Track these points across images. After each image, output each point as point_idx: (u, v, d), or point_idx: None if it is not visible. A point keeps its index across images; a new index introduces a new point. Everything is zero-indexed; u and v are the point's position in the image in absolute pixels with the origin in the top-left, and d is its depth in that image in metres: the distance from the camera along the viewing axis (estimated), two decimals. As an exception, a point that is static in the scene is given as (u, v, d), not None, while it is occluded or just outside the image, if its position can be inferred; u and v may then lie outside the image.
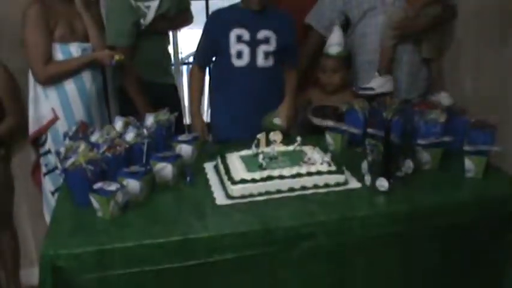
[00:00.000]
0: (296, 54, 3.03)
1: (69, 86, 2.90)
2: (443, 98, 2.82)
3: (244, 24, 2.84)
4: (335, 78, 3.06)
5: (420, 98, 2.98)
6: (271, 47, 2.85)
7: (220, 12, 3.00)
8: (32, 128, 2.96)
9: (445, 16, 3.19)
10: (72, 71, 2.88)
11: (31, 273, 3.28)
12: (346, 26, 3.24)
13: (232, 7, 2.96)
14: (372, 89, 2.98)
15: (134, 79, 3.09)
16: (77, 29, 2.92)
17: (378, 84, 3.00)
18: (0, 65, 2.96)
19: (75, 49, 2.89)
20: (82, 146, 2.20)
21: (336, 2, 3.19)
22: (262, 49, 2.85)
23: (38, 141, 2.99)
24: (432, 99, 2.71)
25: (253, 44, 2.84)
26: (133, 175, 2.09)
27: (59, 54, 2.86)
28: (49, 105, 2.90)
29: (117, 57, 2.84)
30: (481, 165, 2.28)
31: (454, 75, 3.59)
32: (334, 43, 3.03)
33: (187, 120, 3.53)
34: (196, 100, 3.00)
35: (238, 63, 2.87)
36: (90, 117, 2.96)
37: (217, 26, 2.90)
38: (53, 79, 2.86)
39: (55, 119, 2.91)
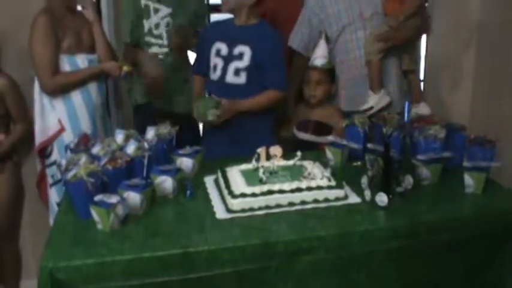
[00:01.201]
0: (277, 74, 2.86)
1: (76, 97, 2.93)
2: (423, 108, 2.84)
3: (225, 39, 2.88)
4: (318, 90, 3.07)
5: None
6: (243, 63, 2.83)
7: (212, 25, 3.10)
8: (39, 139, 2.98)
9: (424, 27, 3.22)
10: (79, 82, 2.91)
11: (30, 286, 3.27)
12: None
13: (225, 21, 2.99)
14: (371, 108, 2.99)
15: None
16: (84, 41, 2.96)
17: (375, 101, 3.02)
18: (4, 75, 2.98)
19: (81, 60, 2.93)
20: (83, 159, 2.23)
21: (311, 21, 3.19)
22: (234, 65, 2.84)
23: (44, 152, 3.01)
24: (412, 109, 2.73)
25: (227, 59, 2.86)
26: (133, 188, 2.10)
27: (66, 65, 2.89)
28: (56, 116, 2.93)
29: (125, 68, 2.88)
30: (481, 181, 2.28)
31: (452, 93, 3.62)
32: (320, 55, 3.05)
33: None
34: (196, 92, 3.07)
35: (213, 76, 2.92)
36: (95, 128, 2.99)
37: (206, 38, 2.98)
38: (60, 90, 2.89)
39: (61, 130, 2.93)
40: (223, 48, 2.87)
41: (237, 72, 2.84)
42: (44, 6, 2.91)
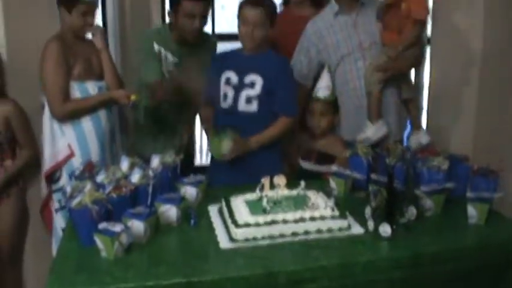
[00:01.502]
0: (287, 100, 2.93)
1: (86, 123, 2.97)
2: (422, 136, 2.85)
3: (235, 68, 2.91)
4: (323, 122, 3.08)
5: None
6: (255, 91, 2.87)
7: (220, 54, 3.10)
8: (48, 164, 3.00)
9: (422, 56, 3.26)
10: (89, 108, 2.96)
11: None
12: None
13: (232, 51, 3.03)
14: (368, 139, 3.00)
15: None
16: (94, 68, 3.01)
17: (373, 132, 3.02)
18: (10, 100, 3.02)
19: (91, 87, 2.98)
20: (88, 186, 2.24)
21: (310, 51, 3.22)
22: (245, 93, 2.88)
23: (52, 177, 3.03)
24: (412, 137, 2.76)
25: (238, 87, 2.89)
26: (137, 216, 2.11)
27: (76, 92, 2.94)
28: (65, 142, 2.97)
29: (133, 97, 2.91)
30: (484, 212, 2.28)
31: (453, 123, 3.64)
32: (323, 86, 3.06)
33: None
34: (206, 121, 3.13)
35: (223, 105, 2.94)
36: (104, 154, 3.03)
37: (215, 68, 3.00)
38: (70, 116, 2.93)
39: (71, 155, 2.96)
40: (233, 77, 2.90)
41: (248, 100, 2.88)
42: (55, 34, 2.96)
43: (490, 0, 3.40)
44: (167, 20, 3.62)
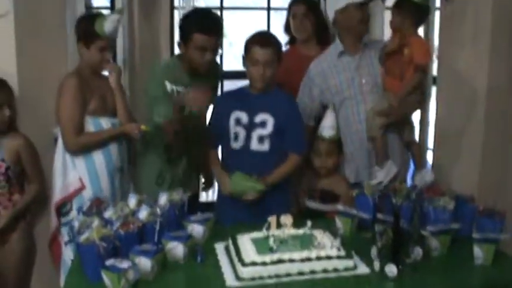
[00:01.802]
0: (298, 139, 2.98)
1: (97, 156, 3.01)
2: (426, 175, 2.86)
3: (244, 107, 2.92)
4: (329, 161, 3.08)
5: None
6: (267, 130, 2.90)
7: (226, 94, 3.13)
8: (58, 195, 3.03)
9: (424, 101, 3.31)
10: (101, 142, 3.00)
11: None
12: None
13: (238, 90, 3.06)
14: (380, 183, 2.98)
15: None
16: (108, 104, 3.06)
17: (383, 175, 3.04)
18: (21, 135, 3.05)
19: (105, 123, 3.02)
20: (96, 222, 2.26)
21: (313, 91, 3.25)
22: (257, 133, 2.90)
23: (61, 209, 3.05)
24: (416, 176, 2.77)
25: (249, 127, 2.91)
26: (145, 253, 2.12)
27: (90, 126, 2.99)
28: (76, 174, 3.00)
29: (143, 127, 2.94)
30: (490, 253, 2.28)
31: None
32: (328, 126, 3.07)
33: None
34: (217, 164, 3.04)
35: (234, 145, 2.94)
36: (113, 189, 3.06)
37: (222, 108, 3.00)
38: (83, 149, 2.98)
39: (82, 187, 2.99)
40: (244, 117, 2.91)
41: (261, 139, 2.91)
42: (73, 69, 3.06)
43: (495, 38, 3.45)
44: (176, 51, 3.67)
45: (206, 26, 2.94)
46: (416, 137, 3.82)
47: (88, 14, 3.17)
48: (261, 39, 2.88)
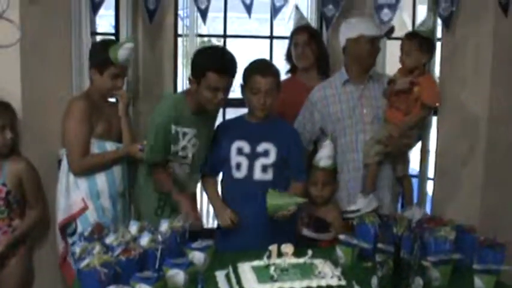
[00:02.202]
0: (301, 168, 3.02)
1: (100, 178, 3.04)
2: (416, 211, 2.88)
3: (245, 137, 2.92)
4: (325, 190, 3.09)
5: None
6: (270, 160, 2.90)
7: (226, 123, 3.12)
8: (61, 215, 3.04)
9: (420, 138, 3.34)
10: (106, 163, 3.03)
11: None
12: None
13: (237, 119, 3.06)
14: (358, 210, 3.00)
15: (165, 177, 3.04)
16: (114, 129, 3.11)
17: (364, 204, 3.03)
18: (23, 159, 3.06)
19: (110, 146, 3.06)
20: (97, 248, 2.26)
21: (314, 116, 3.26)
22: (260, 162, 2.90)
23: (67, 230, 3.06)
24: (406, 212, 2.79)
25: (252, 156, 2.91)
26: (145, 280, 2.13)
27: (95, 149, 3.03)
28: (80, 195, 3.02)
29: (144, 142, 2.95)
30: (491, 284, 2.28)
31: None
32: (326, 156, 3.08)
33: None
34: (216, 197, 3.02)
35: (237, 175, 2.93)
36: (115, 212, 3.08)
37: (222, 137, 2.99)
38: (87, 170, 3.01)
39: (85, 208, 3.01)
40: (245, 146, 2.91)
41: (264, 169, 2.91)
42: (82, 93, 3.13)
43: (496, 70, 3.48)
44: (179, 79, 3.68)
45: (222, 66, 2.81)
46: (417, 168, 3.84)
47: (103, 41, 3.23)
48: (262, 68, 2.89)
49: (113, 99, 3.19)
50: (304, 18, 3.93)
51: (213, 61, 2.82)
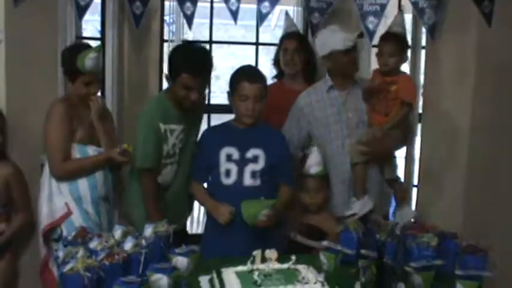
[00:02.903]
0: (289, 172, 3.05)
1: (82, 182, 3.01)
2: (407, 212, 2.91)
3: (234, 143, 2.93)
4: (318, 196, 3.09)
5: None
6: (259, 166, 2.92)
7: (212, 129, 3.11)
8: (46, 221, 3.01)
9: (405, 140, 3.38)
10: (88, 168, 3.00)
11: None
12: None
13: (224, 125, 3.06)
14: (355, 214, 3.04)
15: (153, 198, 3.06)
16: (95, 134, 3.06)
17: (359, 207, 3.07)
18: (11, 163, 3.05)
19: (92, 151, 3.03)
20: (81, 252, 2.25)
21: (301, 122, 3.29)
22: (249, 168, 2.91)
23: (51, 236, 3.03)
24: (398, 213, 2.80)
25: (241, 163, 2.91)
26: (129, 285, 2.10)
27: (77, 154, 3.00)
28: (62, 200, 3.00)
29: (124, 145, 2.93)
30: (473, 290, 2.31)
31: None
32: (314, 163, 3.09)
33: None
34: (208, 197, 2.99)
35: (226, 181, 2.93)
36: (99, 217, 3.06)
37: (209, 143, 2.99)
38: (69, 175, 2.98)
39: (69, 213, 2.99)
40: (234, 152, 2.91)
41: (253, 175, 2.91)
42: (62, 96, 3.11)
43: (478, 77, 3.52)
44: (164, 84, 3.66)
45: (195, 67, 2.88)
46: (402, 174, 3.87)
47: (70, 48, 3.09)
48: (250, 75, 2.91)
49: None
50: (294, 24, 3.96)
51: (187, 63, 2.90)
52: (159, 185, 3.08)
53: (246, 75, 2.90)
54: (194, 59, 2.92)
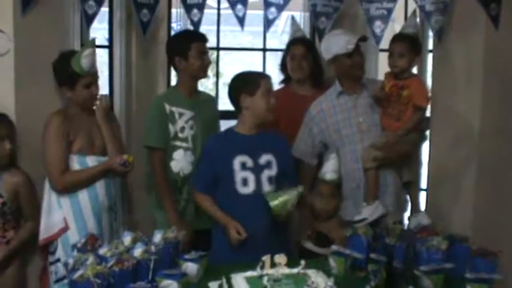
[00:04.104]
0: (296, 175, 3.07)
1: (82, 195, 2.99)
2: (422, 218, 2.88)
3: (245, 150, 2.90)
4: (330, 204, 3.08)
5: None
6: (273, 171, 2.91)
7: (217, 138, 3.08)
8: (43, 235, 3.01)
9: (422, 142, 3.37)
10: (88, 180, 2.99)
11: None
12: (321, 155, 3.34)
13: (228, 132, 3.03)
14: (365, 219, 3.02)
15: (162, 180, 3.22)
16: (96, 143, 3.06)
17: (369, 212, 3.05)
18: (21, 172, 3.05)
19: (91, 162, 3.01)
20: (90, 259, 2.27)
21: (313, 130, 3.30)
22: (266, 174, 2.90)
23: (47, 248, 3.04)
24: (412, 219, 2.78)
25: (256, 170, 2.89)
26: (139, 291, 2.13)
27: (76, 165, 2.99)
28: (61, 214, 2.98)
29: (125, 156, 2.93)
30: (483, 293, 2.30)
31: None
32: (331, 170, 3.08)
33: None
34: (217, 210, 2.92)
35: (243, 190, 2.88)
36: (101, 229, 3.02)
37: (218, 153, 2.93)
38: (69, 188, 2.97)
39: (65, 228, 2.97)
40: (248, 160, 2.88)
41: (270, 181, 2.90)
42: (59, 108, 3.07)
43: (487, 80, 3.50)
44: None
45: (201, 34, 3.35)
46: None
47: (61, 56, 3.05)
48: (259, 73, 3.07)
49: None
50: (301, 29, 3.96)
51: (191, 34, 3.39)
52: (176, 178, 3.23)
53: (258, 74, 3.03)
54: (194, 30, 3.52)
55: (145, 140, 3.26)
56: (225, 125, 3.37)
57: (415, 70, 3.71)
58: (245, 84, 2.92)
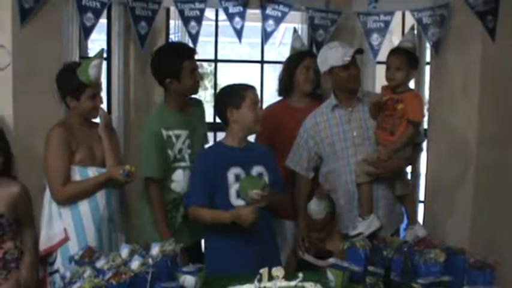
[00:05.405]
0: (282, 184, 3.10)
1: (83, 206, 2.99)
2: (418, 230, 2.88)
3: (238, 163, 2.92)
4: (323, 233, 3.13)
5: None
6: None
7: (210, 153, 3.09)
8: (43, 245, 2.99)
9: (415, 156, 3.36)
10: (89, 190, 2.99)
11: None
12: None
13: (217, 146, 3.08)
14: (361, 233, 3.01)
15: (159, 208, 3.15)
16: (96, 154, 3.06)
17: (365, 227, 3.04)
18: (18, 183, 3.03)
19: (92, 173, 3.02)
20: (88, 272, 2.26)
21: (308, 143, 3.30)
22: None
23: (47, 259, 3.02)
24: (408, 231, 2.78)
25: None
26: (136, 304, 2.12)
27: (77, 176, 2.99)
28: (62, 225, 2.98)
29: (127, 167, 2.93)
30: (481, 305, 2.30)
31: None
32: (315, 211, 3.11)
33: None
34: (218, 211, 2.91)
35: (237, 202, 2.89)
36: (101, 241, 3.01)
37: (211, 166, 2.94)
38: (70, 199, 2.97)
39: (65, 239, 2.97)
40: (241, 172, 2.90)
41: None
42: (61, 120, 3.08)
43: (484, 92, 3.53)
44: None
45: (190, 50, 3.25)
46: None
47: (67, 67, 3.07)
48: (245, 85, 3.00)
49: (96, 120, 3.12)
50: (303, 43, 3.92)
51: (181, 52, 3.20)
52: (176, 196, 3.17)
53: (244, 86, 2.99)
54: (183, 47, 3.31)
55: (145, 171, 3.13)
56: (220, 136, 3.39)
57: (413, 83, 3.74)
58: (230, 98, 2.94)
